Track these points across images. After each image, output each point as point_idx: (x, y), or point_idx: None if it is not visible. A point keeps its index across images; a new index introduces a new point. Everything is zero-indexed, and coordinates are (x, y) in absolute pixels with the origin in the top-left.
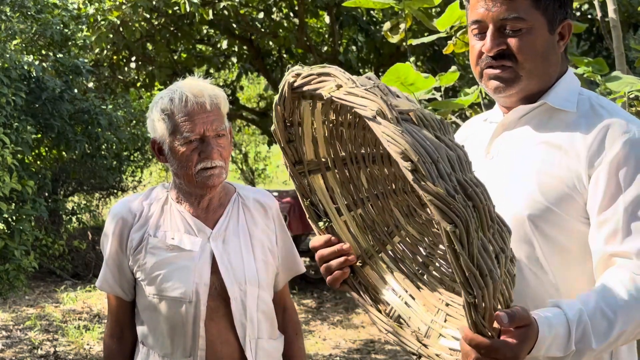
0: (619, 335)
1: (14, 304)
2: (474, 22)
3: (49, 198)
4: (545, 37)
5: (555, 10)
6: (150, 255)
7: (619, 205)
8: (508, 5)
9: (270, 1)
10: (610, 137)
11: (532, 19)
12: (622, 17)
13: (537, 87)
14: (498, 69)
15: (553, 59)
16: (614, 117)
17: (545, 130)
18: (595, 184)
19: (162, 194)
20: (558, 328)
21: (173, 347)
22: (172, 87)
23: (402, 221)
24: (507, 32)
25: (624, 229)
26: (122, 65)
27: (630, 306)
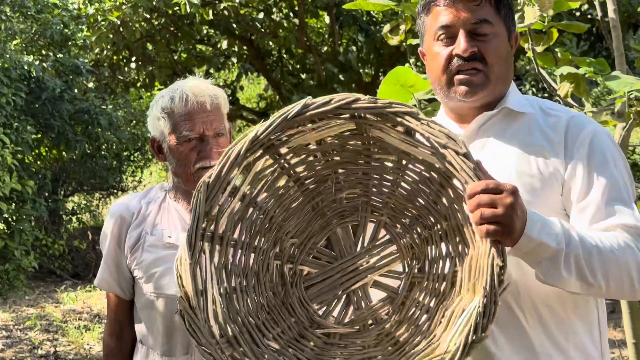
0: (609, 260)
1: (14, 304)
2: (443, 27)
3: (49, 198)
4: (506, 43)
5: (511, 19)
6: (147, 253)
7: (596, 191)
8: (476, 11)
9: (270, 1)
10: (574, 131)
11: (497, 24)
12: (622, 17)
13: (498, 92)
14: (469, 74)
15: (510, 65)
16: (569, 114)
17: (512, 134)
18: (571, 175)
19: (160, 193)
20: (547, 218)
21: (171, 345)
22: (173, 86)
23: (280, 316)
24: (475, 36)
25: (604, 212)
26: (122, 65)
27: (610, 242)
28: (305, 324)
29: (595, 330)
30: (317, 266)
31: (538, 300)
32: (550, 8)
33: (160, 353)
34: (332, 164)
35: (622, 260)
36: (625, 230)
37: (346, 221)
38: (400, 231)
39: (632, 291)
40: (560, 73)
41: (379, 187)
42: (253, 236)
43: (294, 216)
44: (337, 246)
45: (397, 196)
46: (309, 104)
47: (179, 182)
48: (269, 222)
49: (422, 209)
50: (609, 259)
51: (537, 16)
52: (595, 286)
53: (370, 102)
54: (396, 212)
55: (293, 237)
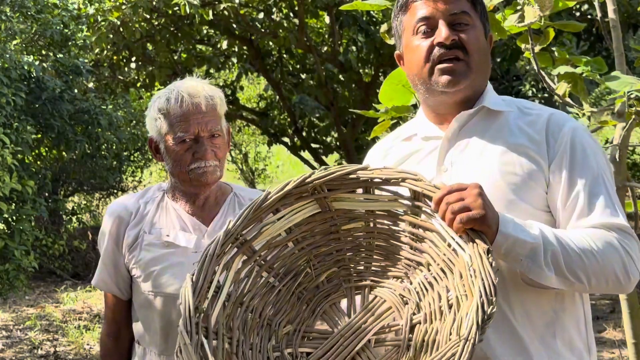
0: (589, 255)
1: (14, 304)
2: (422, 19)
3: (49, 198)
4: (484, 37)
5: (485, 19)
6: (145, 252)
7: (579, 188)
8: (454, 3)
9: (270, 1)
10: (554, 129)
11: (474, 17)
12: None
13: (477, 85)
14: (451, 63)
15: (488, 61)
16: (547, 112)
17: (492, 133)
18: (554, 173)
19: (158, 193)
20: (526, 221)
21: (168, 344)
22: (170, 87)
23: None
24: (456, 27)
25: (588, 209)
26: (122, 65)
27: (591, 239)
28: None
29: (582, 325)
30: (317, 344)
31: (526, 299)
32: (550, 7)
33: (158, 352)
34: (305, 251)
35: (604, 258)
36: (608, 227)
37: (333, 298)
38: (387, 289)
39: (618, 287)
40: (558, 73)
41: (355, 257)
42: (247, 334)
43: (282, 309)
44: (331, 322)
45: (375, 259)
46: (269, 192)
47: (177, 182)
48: (259, 317)
49: (401, 262)
50: (590, 258)
51: (537, 16)
52: (577, 284)
53: (323, 172)
54: (378, 275)
55: (286, 326)
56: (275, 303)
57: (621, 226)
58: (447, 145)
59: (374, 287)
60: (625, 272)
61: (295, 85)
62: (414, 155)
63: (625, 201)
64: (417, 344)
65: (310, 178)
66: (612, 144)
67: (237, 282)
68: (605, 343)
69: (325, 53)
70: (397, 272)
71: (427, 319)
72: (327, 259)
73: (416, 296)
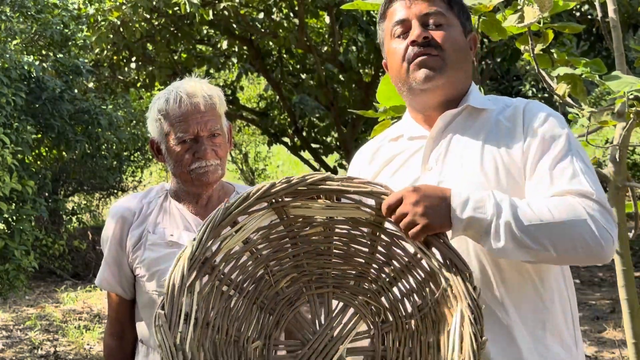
0: (550, 222)
1: (14, 304)
2: (398, 22)
3: (49, 198)
4: (461, 36)
5: (466, 19)
6: (149, 252)
7: (545, 161)
8: (428, 3)
9: (270, 1)
10: (530, 116)
11: (450, 17)
12: (622, 17)
13: (457, 83)
14: (426, 56)
15: (468, 60)
16: (524, 102)
17: (475, 131)
18: (526, 155)
19: (161, 193)
20: (482, 195)
21: None
22: (169, 88)
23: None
24: (430, 27)
25: (553, 177)
26: (122, 65)
27: (552, 205)
28: None
29: (570, 319)
30: (289, 358)
31: (515, 291)
32: (550, 8)
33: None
34: (262, 259)
35: (567, 223)
36: (574, 193)
37: (296, 306)
38: (349, 294)
39: (592, 254)
40: (557, 74)
41: (314, 262)
42: (217, 356)
43: (245, 322)
44: (300, 332)
45: (334, 263)
46: (229, 206)
47: (179, 182)
48: (226, 336)
49: (363, 266)
50: (551, 223)
51: (537, 16)
52: (541, 251)
53: (285, 184)
54: (339, 279)
55: (254, 342)
56: (238, 317)
57: (587, 192)
58: (432, 145)
59: (336, 292)
60: (594, 237)
61: (295, 85)
62: (399, 155)
63: (625, 201)
64: (392, 356)
65: (271, 190)
66: (612, 144)
67: (203, 302)
68: (605, 343)
69: (325, 53)
70: (358, 276)
71: (398, 327)
72: (285, 265)
73: (382, 301)
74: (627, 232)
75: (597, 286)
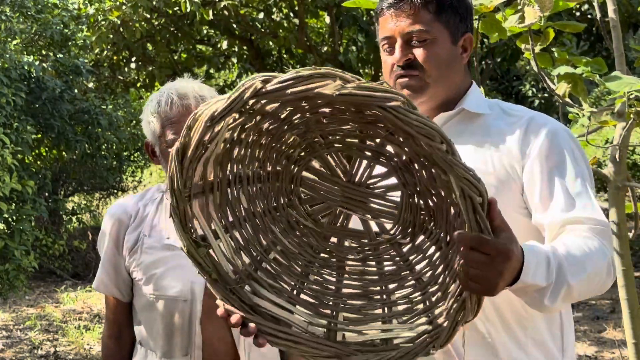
0: (587, 277)
1: (14, 304)
2: (384, 38)
3: (49, 198)
4: (449, 47)
5: (457, 23)
6: (146, 255)
7: (557, 187)
8: (413, 19)
9: (270, 1)
10: (534, 130)
11: (435, 30)
12: (622, 17)
13: (444, 94)
14: (407, 78)
15: (457, 67)
16: (529, 114)
17: (470, 134)
18: (530, 173)
19: (157, 194)
20: (539, 254)
21: (170, 346)
22: (162, 89)
23: (280, 236)
24: (413, 43)
25: (567, 204)
26: (122, 65)
27: (587, 255)
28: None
29: (556, 328)
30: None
31: (498, 299)
32: (551, 8)
33: (160, 355)
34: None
35: (596, 271)
36: (590, 226)
37: (334, 150)
38: (394, 165)
39: (600, 292)
40: (558, 73)
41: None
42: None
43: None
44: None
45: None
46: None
47: None
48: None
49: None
50: (589, 277)
51: (538, 16)
52: (577, 300)
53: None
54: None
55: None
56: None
57: (602, 222)
58: None
59: (382, 161)
60: (609, 280)
61: None
62: None
63: (625, 201)
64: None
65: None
66: (612, 144)
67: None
68: (605, 343)
69: (325, 53)
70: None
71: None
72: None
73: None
74: (627, 232)
75: None
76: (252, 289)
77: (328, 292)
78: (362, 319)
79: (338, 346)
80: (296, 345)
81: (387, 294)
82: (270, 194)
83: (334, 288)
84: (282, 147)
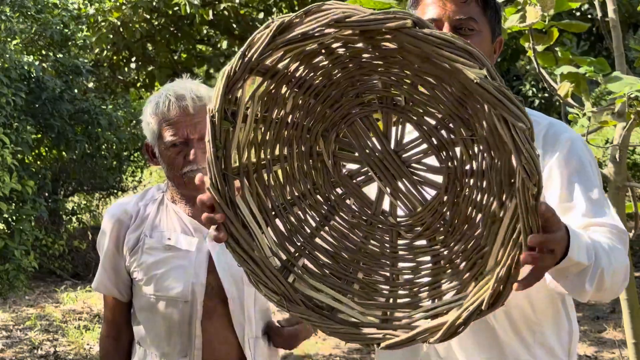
0: (613, 271)
1: (14, 304)
2: (430, 20)
3: (49, 198)
4: (489, 44)
5: (496, 23)
6: (147, 256)
7: (577, 192)
8: (463, 7)
9: (270, 1)
10: (553, 136)
11: (482, 24)
12: (622, 17)
13: None
14: None
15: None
16: (548, 119)
17: None
18: (549, 177)
19: (158, 195)
20: (580, 234)
21: (170, 347)
22: (160, 91)
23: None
24: (462, 31)
25: (588, 210)
26: (122, 65)
27: (612, 250)
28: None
29: (565, 333)
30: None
31: (508, 303)
32: (552, 7)
33: (159, 355)
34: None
35: (619, 269)
36: (611, 230)
37: (360, 113)
38: (426, 129)
39: (615, 294)
40: (561, 72)
41: (398, 83)
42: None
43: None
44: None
45: (417, 99)
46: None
47: (173, 185)
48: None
49: (444, 113)
50: (614, 271)
51: (539, 16)
52: (602, 294)
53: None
54: (418, 114)
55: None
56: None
57: (622, 230)
58: None
59: (413, 122)
60: (626, 281)
61: None
62: None
63: (625, 201)
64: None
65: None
66: (612, 144)
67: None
68: (605, 343)
69: None
70: (437, 120)
71: (469, 182)
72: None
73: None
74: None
75: None
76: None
77: (380, 282)
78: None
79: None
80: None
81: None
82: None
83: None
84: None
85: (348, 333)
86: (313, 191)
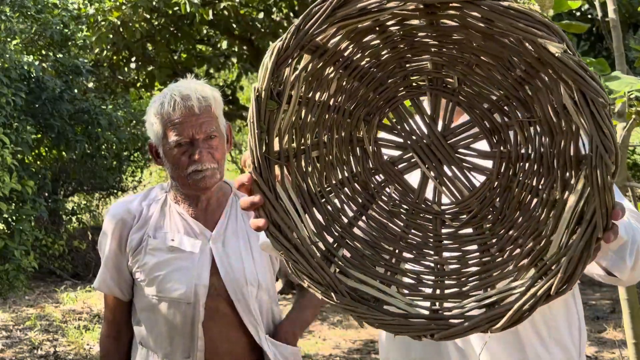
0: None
1: (14, 304)
2: None
3: (49, 198)
4: None
5: None
6: (150, 256)
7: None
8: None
9: (270, 1)
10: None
11: None
12: (622, 17)
13: None
14: None
15: None
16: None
17: None
18: None
19: (161, 195)
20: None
21: (172, 348)
22: (165, 90)
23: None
24: None
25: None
26: (122, 65)
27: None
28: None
29: (575, 329)
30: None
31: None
32: (551, 7)
33: (162, 356)
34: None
35: None
36: (631, 213)
37: (404, 95)
38: (478, 112)
39: (636, 278)
40: None
41: (450, 64)
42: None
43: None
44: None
45: (471, 80)
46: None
47: (177, 185)
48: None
49: (500, 95)
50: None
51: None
52: (634, 273)
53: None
54: (470, 97)
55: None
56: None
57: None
58: None
59: (464, 105)
60: None
61: None
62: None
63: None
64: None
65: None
66: None
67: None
68: (605, 343)
69: None
70: (491, 102)
71: (522, 167)
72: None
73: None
74: None
75: (597, 286)
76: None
77: (427, 269)
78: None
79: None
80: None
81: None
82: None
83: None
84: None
85: (399, 325)
86: (352, 179)
